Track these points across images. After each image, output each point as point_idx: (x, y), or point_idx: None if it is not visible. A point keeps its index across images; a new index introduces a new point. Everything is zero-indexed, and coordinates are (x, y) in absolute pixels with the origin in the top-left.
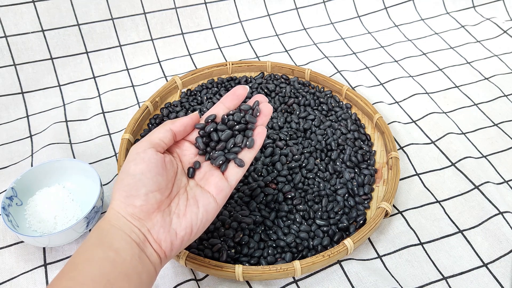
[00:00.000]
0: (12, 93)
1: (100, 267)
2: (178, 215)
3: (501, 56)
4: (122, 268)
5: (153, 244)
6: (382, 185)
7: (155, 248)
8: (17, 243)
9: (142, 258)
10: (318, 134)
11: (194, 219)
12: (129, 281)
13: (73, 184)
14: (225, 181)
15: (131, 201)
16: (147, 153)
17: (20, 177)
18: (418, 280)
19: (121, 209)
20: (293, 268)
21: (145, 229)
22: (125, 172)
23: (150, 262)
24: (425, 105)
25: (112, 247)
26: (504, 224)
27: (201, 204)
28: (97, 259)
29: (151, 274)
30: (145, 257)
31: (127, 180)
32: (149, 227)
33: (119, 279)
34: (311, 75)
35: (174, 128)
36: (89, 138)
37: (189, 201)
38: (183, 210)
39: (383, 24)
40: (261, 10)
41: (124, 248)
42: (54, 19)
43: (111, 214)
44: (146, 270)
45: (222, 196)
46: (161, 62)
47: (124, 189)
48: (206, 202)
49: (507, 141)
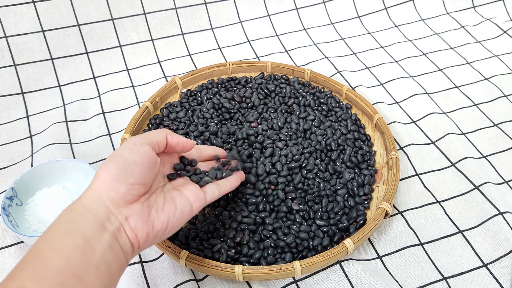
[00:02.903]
0: (12, 93)
1: (67, 257)
2: (156, 209)
3: (501, 57)
4: (91, 258)
5: (129, 233)
6: (382, 185)
7: (130, 237)
8: (17, 243)
9: (114, 247)
10: (318, 134)
11: (171, 216)
12: (97, 273)
13: (73, 184)
14: (202, 193)
15: (116, 185)
16: (144, 147)
17: (20, 177)
18: (418, 281)
19: (102, 192)
20: (293, 268)
21: (123, 216)
22: (118, 155)
23: (122, 252)
24: (425, 106)
25: (82, 235)
26: (504, 224)
27: (178, 204)
28: (65, 249)
29: (122, 264)
30: (118, 246)
31: (119, 162)
32: (128, 215)
33: (87, 271)
34: (311, 76)
35: (170, 139)
36: (89, 138)
37: (166, 200)
38: (161, 206)
39: (383, 24)
40: (261, 10)
41: (95, 236)
42: (54, 19)
43: (89, 196)
44: (117, 259)
45: (198, 204)
46: (161, 62)
47: (113, 172)
48: (183, 203)
49: (507, 141)
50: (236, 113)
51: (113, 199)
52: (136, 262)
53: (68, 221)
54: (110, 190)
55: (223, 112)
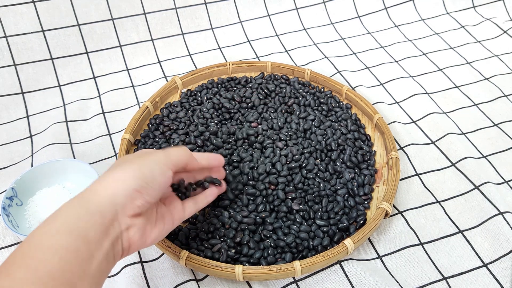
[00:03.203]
0: (12, 93)
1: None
2: (151, 225)
3: (501, 56)
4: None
5: (125, 243)
6: (382, 185)
7: (123, 247)
8: (17, 243)
9: (109, 256)
10: (318, 134)
11: (160, 234)
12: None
13: (73, 184)
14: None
15: (135, 196)
16: (169, 172)
17: (20, 177)
18: (418, 280)
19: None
20: (293, 268)
21: (125, 225)
22: (147, 167)
23: (113, 261)
24: (425, 105)
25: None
26: (504, 224)
27: (167, 223)
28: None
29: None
30: (112, 255)
31: (147, 177)
32: (130, 225)
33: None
34: (311, 75)
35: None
36: (89, 138)
37: (158, 216)
38: (154, 222)
39: (383, 24)
40: (261, 10)
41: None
42: (54, 19)
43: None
44: (107, 270)
45: (179, 222)
46: (161, 62)
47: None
48: (170, 222)
49: (507, 141)
50: (236, 113)
51: (126, 207)
52: (136, 262)
53: (73, 216)
54: (128, 197)
55: (223, 112)
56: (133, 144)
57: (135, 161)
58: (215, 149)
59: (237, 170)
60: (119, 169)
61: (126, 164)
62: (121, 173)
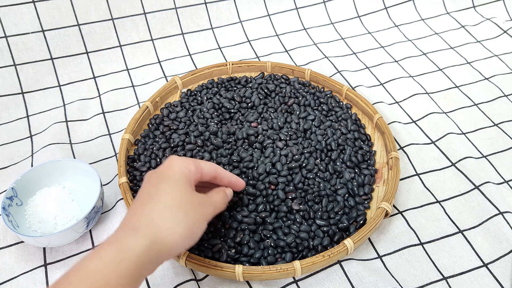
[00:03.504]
0: (12, 93)
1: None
2: None
3: (501, 56)
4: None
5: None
6: (382, 185)
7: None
8: (17, 243)
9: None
10: (318, 134)
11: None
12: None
13: (73, 184)
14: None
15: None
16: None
17: (20, 177)
18: (418, 280)
19: (178, 244)
20: (293, 268)
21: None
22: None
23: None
24: (425, 105)
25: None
26: (504, 224)
27: None
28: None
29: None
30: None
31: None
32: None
33: None
34: (311, 75)
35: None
36: (89, 138)
37: None
38: None
39: (383, 24)
40: (261, 10)
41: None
42: (54, 19)
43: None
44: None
45: None
46: (161, 62)
47: (188, 238)
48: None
49: (507, 141)
50: (236, 113)
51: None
52: None
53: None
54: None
55: (223, 112)
56: (133, 144)
57: (189, 214)
58: (215, 149)
59: (237, 170)
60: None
61: (179, 213)
62: (171, 223)
